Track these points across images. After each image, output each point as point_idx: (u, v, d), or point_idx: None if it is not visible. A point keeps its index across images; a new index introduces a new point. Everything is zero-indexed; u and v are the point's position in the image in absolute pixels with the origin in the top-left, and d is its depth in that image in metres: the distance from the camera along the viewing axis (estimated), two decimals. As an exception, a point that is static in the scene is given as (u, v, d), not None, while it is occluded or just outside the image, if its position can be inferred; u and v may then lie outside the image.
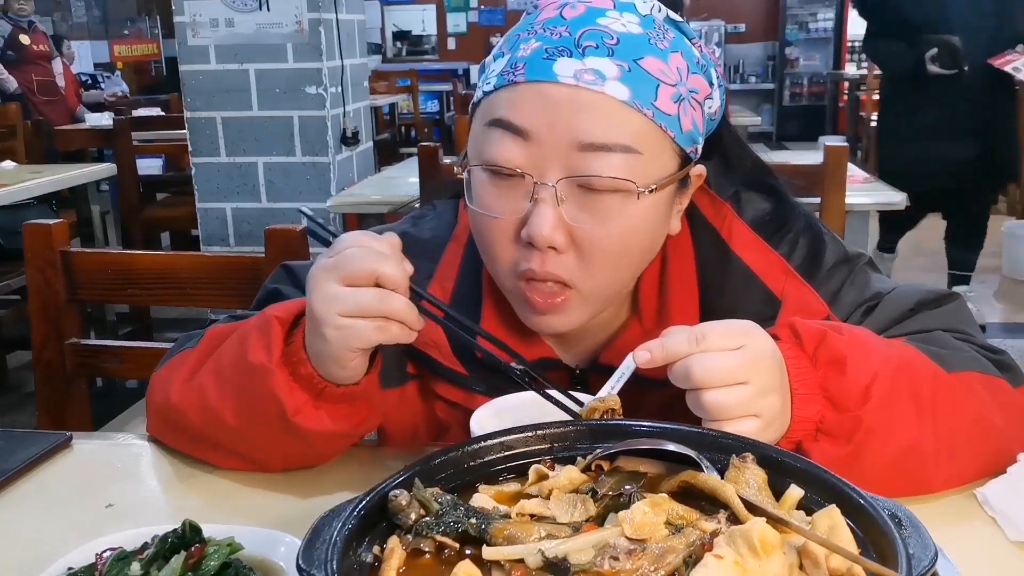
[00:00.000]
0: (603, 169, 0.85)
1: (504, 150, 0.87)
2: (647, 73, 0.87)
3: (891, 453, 0.82)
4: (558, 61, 0.86)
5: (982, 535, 0.81)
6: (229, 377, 0.91)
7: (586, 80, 0.85)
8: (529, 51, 0.88)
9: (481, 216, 0.91)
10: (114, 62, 9.70)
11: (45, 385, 1.48)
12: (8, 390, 3.89)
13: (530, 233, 0.86)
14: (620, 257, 0.90)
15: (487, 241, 0.92)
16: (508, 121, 0.87)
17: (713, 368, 0.76)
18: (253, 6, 3.67)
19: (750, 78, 11.69)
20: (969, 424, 0.86)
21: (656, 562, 0.56)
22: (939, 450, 0.84)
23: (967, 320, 0.98)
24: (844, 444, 0.80)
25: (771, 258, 0.98)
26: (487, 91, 0.91)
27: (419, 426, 1.02)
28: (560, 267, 0.88)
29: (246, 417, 0.90)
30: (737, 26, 11.55)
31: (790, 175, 1.12)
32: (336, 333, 0.82)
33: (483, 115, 0.91)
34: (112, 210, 4.20)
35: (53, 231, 1.45)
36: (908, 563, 0.54)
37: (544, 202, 0.86)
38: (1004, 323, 4.54)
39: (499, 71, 0.90)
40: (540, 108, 0.86)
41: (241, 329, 0.92)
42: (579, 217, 0.87)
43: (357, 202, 3.02)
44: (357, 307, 0.81)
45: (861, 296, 0.99)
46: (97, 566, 0.73)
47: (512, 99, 0.88)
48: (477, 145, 0.91)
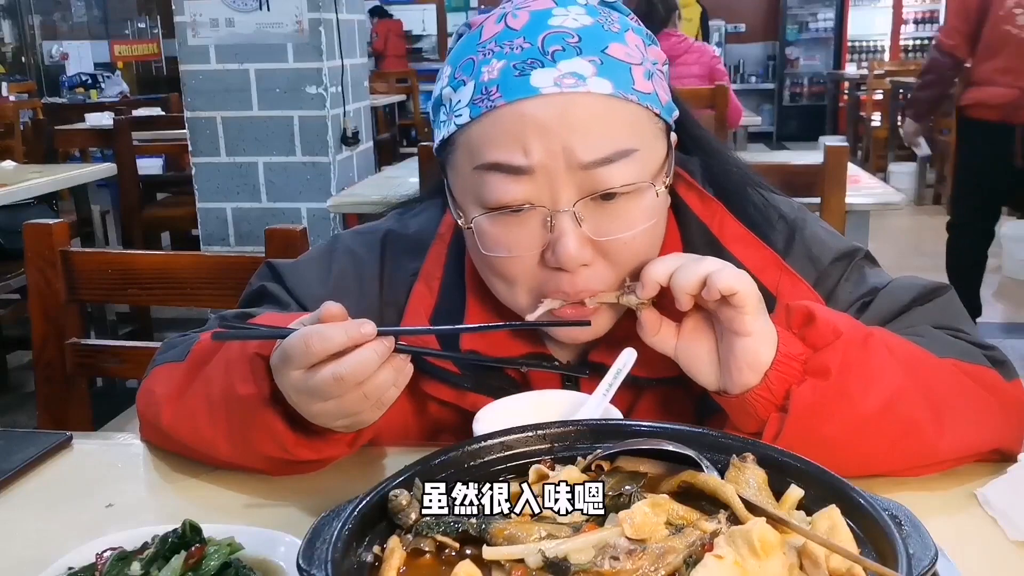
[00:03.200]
0: (613, 179, 0.84)
1: (508, 191, 0.85)
2: (617, 60, 0.86)
3: (879, 396, 0.82)
4: (532, 74, 0.83)
5: (982, 535, 0.81)
6: (219, 405, 0.89)
7: (568, 84, 0.83)
8: (496, 72, 0.85)
9: (494, 259, 0.89)
10: (114, 62, 9.70)
11: (45, 385, 1.48)
12: (8, 390, 3.89)
13: (559, 260, 0.85)
14: (647, 253, 0.90)
15: (506, 277, 0.90)
16: (503, 164, 0.84)
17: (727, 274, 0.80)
18: (253, 6, 3.66)
19: (750, 78, 11.69)
20: (957, 395, 0.86)
21: (656, 562, 0.56)
22: (930, 405, 0.84)
23: (959, 315, 0.98)
24: (825, 377, 0.81)
25: (764, 254, 0.97)
26: (460, 124, 0.87)
27: (411, 426, 1.01)
28: (593, 280, 0.88)
29: (240, 447, 0.89)
30: (737, 26, 11.55)
31: (790, 175, 1.12)
32: (343, 423, 0.83)
33: (467, 157, 0.88)
34: (112, 210, 4.20)
35: (53, 231, 1.45)
36: (908, 563, 0.54)
37: (565, 227, 0.85)
38: (1004, 323, 4.54)
39: (468, 100, 0.86)
40: (530, 133, 0.83)
41: (224, 352, 0.90)
42: (601, 230, 0.86)
43: (357, 202, 3.02)
44: (350, 413, 0.80)
45: (858, 291, 0.99)
46: (97, 566, 0.73)
47: (496, 135, 0.85)
48: (473, 192, 0.88)
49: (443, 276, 1.01)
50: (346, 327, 0.77)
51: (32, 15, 9.17)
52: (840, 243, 1.03)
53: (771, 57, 11.70)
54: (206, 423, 0.91)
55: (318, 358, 0.77)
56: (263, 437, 0.86)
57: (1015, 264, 5.08)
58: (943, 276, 4.31)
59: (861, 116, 8.86)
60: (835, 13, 11.48)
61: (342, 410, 0.79)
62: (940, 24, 10.62)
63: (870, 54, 11.38)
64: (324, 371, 0.76)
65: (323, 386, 0.77)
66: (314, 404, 0.79)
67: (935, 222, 4.32)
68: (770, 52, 11.71)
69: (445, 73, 0.92)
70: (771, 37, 11.67)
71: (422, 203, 1.10)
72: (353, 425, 0.83)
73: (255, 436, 0.86)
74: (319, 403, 0.79)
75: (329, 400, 0.78)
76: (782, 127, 11.45)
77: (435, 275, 1.01)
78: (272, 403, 0.84)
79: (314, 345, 0.76)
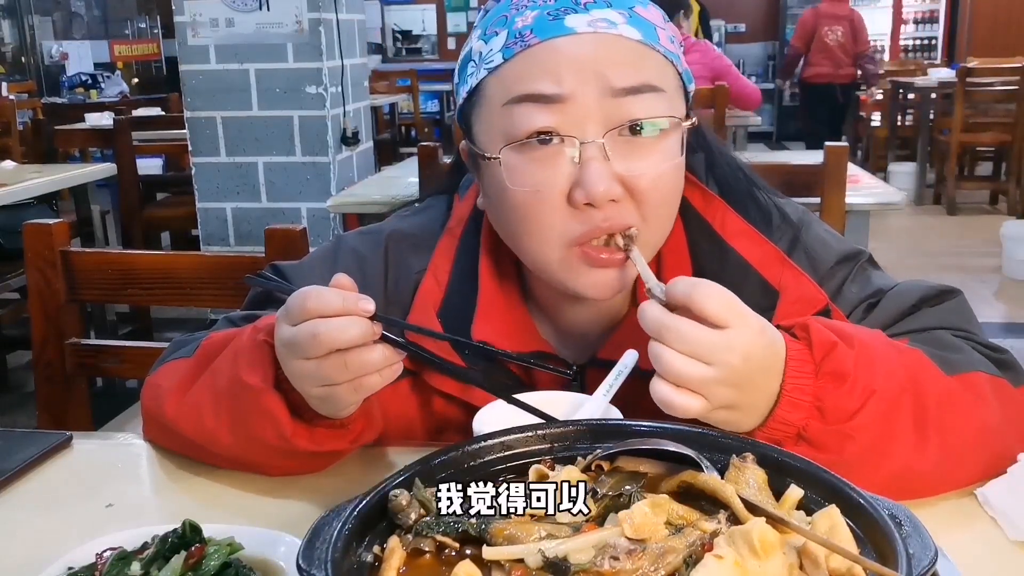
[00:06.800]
0: (643, 110, 0.86)
1: (540, 120, 0.86)
2: (644, 19, 0.90)
3: (885, 473, 0.81)
4: (566, 18, 0.87)
5: (982, 535, 0.81)
6: (224, 394, 0.90)
7: (601, 27, 0.87)
8: (531, 19, 0.88)
9: (523, 194, 0.89)
10: (114, 62, 9.70)
11: (45, 385, 1.48)
12: (8, 390, 3.89)
13: (588, 192, 0.85)
14: (673, 196, 0.92)
15: (532, 218, 0.89)
16: (534, 93, 0.86)
17: (683, 335, 0.74)
18: (253, 6, 3.67)
19: (750, 78, 11.67)
20: (973, 434, 0.85)
21: (656, 562, 0.56)
22: (941, 466, 0.83)
23: (968, 317, 0.98)
24: (825, 453, 0.78)
25: (766, 249, 0.97)
26: (491, 68, 0.90)
27: (415, 421, 1.01)
28: (625, 215, 0.88)
29: (241, 435, 0.89)
30: (737, 26, 11.55)
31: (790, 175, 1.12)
32: (319, 402, 0.83)
33: (497, 96, 0.89)
34: (112, 210, 4.20)
35: (53, 231, 1.45)
36: (908, 563, 0.54)
37: (594, 159, 0.86)
38: (1004, 323, 4.54)
39: (501, 47, 0.89)
40: (563, 65, 0.86)
41: (235, 344, 0.91)
42: (630, 165, 0.87)
43: (357, 202, 3.01)
44: (327, 381, 0.80)
45: (863, 293, 0.99)
46: (97, 566, 0.73)
47: (529, 68, 0.87)
48: (501, 127, 0.89)
49: (452, 270, 1.01)
50: (345, 296, 0.78)
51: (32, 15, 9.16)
52: (843, 245, 1.03)
53: (771, 57, 11.68)
54: (210, 414, 0.91)
55: (310, 315, 0.78)
56: (263, 424, 0.86)
57: (1015, 264, 5.08)
58: (943, 276, 4.27)
59: (861, 116, 8.86)
60: (835, 13, 11.48)
61: (320, 373, 0.79)
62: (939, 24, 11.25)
63: (870, 54, 11.39)
64: (306, 325, 0.78)
65: (301, 340, 0.78)
66: (294, 360, 0.80)
67: (935, 222, 4.34)
68: (770, 52, 11.70)
69: (475, 36, 0.94)
70: (771, 37, 11.66)
71: (423, 203, 1.10)
72: (330, 401, 0.82)
73: (256, 423, 0.87)
74: (299, 360, 0.79)
75: (309, 360, 0.78)
76: (782, 127, 11.44)
77: (444, 268, 1.01)
78: (275, 390, 0.85)
79: (310, 302, 0.78)
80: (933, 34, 11.40)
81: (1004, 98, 6.76)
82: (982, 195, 7.30)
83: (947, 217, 6.85)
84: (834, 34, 7.51)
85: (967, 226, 6.55)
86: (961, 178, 7.20)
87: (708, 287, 0.76)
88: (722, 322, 0.75)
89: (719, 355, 0.74)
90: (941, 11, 11.25)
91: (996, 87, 6.72)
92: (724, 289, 0.77)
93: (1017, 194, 6.73)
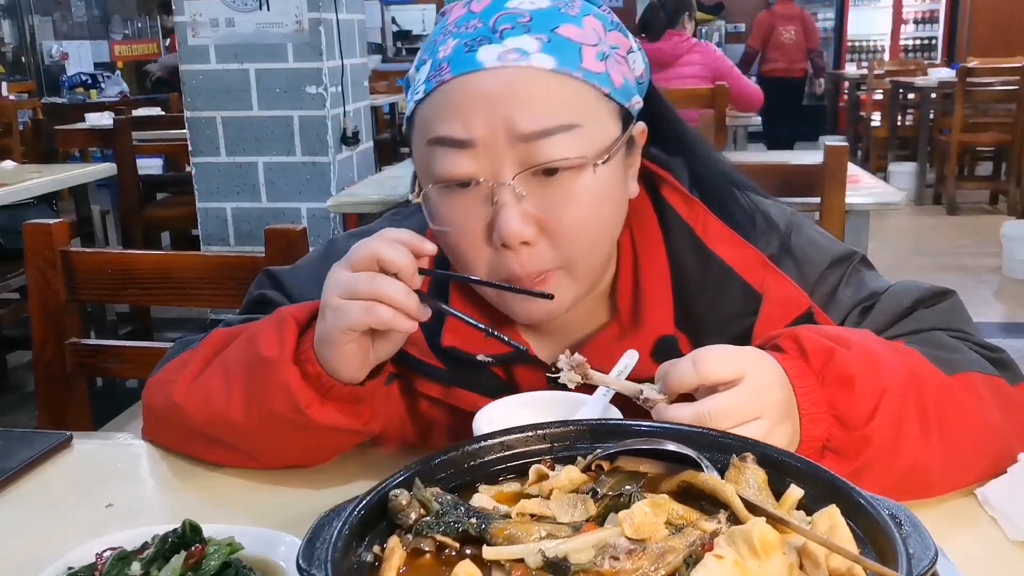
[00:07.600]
0: (552, 153, 0.85)
1: (452, 165, 0.87)
2: (566, 39, 0.88)
3: (896, 470, 0.81)
4: (479, 50, 0.86)
5: (982, 535, 0.81)
6: (238, 372, 0.91)
7: (510, 59, 0.85)
8: (449, 50, 0.88)
9: (447, 234, 0.91)
10: (114, 62, 9.70)
11: (45, 385, 1.48)
12: (8, 390, 3.90)
13: (500, 235, 0.86)
14: (592, 231, 0.90)
15: (459, 255, 0.92)
16: (447, 137, 0.87)
17: (725, 410, 0.75)
18: (253, 6, 3.67)
19: (751, 78, 11.67)
20: (974, 433, 0.85)
21: (656, 562, 0.56)
22: (944, 463, 0.83)
23: (963, 318, 0.98)
24: (850, 461, 0.79)
25: (748, 252, 0.96)
26: (418, 100, 0.91)
27: (406, 424, 1.02)
28: (539, 259, 0.88)
29: (254, 411, 0.90)
30: (737, 26, 11.54)
31: (790, 175, 1.11)
32: (331, 314, 0.84)
33: (421, 132, 0.91)
34: (112, 210, 4.20)
35: (53, 231, 1.45)
36: (908, 563, 0.54)
37: (506, 202, 0.86)
38: (1004, 323, 4.54)
39: (424, 78, 0.90)
40: (473, 107, 0.86)
41: (251, 328, 0.93)
42: (543, 206, 0.87)
43: (357, 202, 3.01)
44: (347, 289, 0.82)
45: (857, 296, 0.98)
46: (97, 566, 0.73)
47: (443, 109, 0.87)
48: (424, 166, 0.91)
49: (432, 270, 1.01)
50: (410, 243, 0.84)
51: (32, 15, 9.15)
52: (836, 247, 1.02)
53: (771, 57, 11.69)
54: (221, 393, 0.92)
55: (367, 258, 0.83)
56: (279, 396, 0.87)
57: (1015, 264, 5.08)
58: (943, 276, 4.32)
59: (861, 116, 8.87)
60: (835, 13, 11.47)
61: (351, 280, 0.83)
62: (939, 24, 11.25)
63: (870, 54, 11.38)
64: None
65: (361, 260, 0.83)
66: (328, 304, 0.84)
67: (935, 222, 4.35)
68: (770, 52, 11.70)
69: (417, 55, 0.95)
70: (771, 37, 11.66)
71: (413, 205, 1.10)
72: (341, 313, 0.83)
73: (270, 395, 0.88)
74: (332, 303, 0.83)
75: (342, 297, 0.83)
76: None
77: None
78: (293, 362, 0.87)
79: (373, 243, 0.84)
80: (933, 34, 11.39)
81: (1004, 98, 6.76)
82: (982, 195, 7.31)
83: (947, 217, 6.86)
84: (788, 33, 8.42)
85: (967, 226, 6.56)
86: (961, 178, 7.20)
87: (706, 356, 0.77)
88: (738, 375, 0.76)
89: (760, 403, 0.76)
90: (941, 11, 11.24)
91: (996, 87, 6.72)
92: (714, 347, 0.78)
93: (1017, 194, 6.73)
